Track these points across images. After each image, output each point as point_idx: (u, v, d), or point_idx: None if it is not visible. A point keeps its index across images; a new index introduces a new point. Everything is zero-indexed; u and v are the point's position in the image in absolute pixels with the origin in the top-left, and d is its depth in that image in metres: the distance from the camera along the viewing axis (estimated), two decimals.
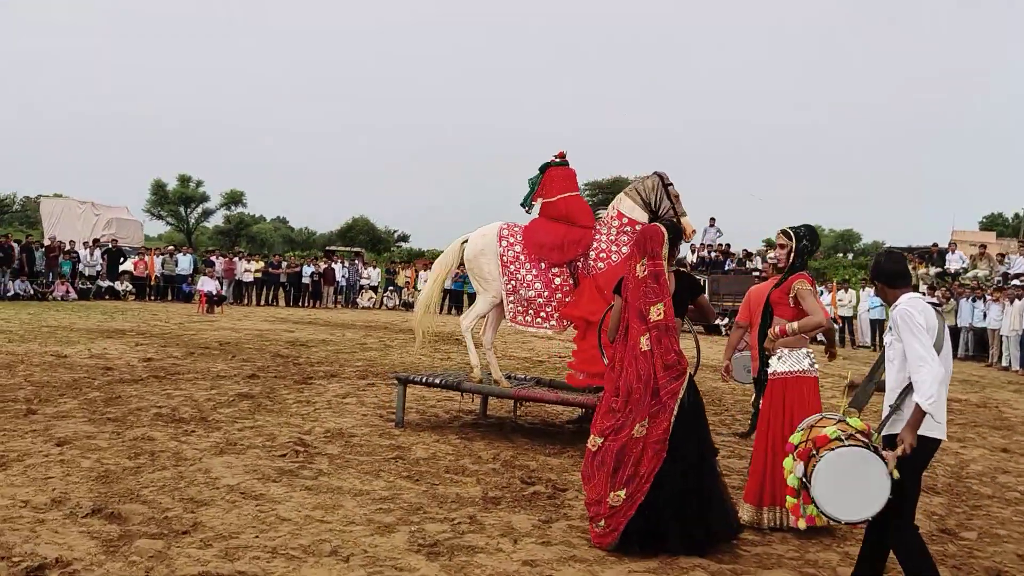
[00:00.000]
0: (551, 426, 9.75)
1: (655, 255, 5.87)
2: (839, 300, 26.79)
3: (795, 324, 6.03)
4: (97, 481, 6.37)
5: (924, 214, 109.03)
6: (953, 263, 27.17)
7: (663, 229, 5.93)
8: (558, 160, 9.22)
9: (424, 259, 39.48)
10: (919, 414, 4.29)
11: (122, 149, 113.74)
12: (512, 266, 8.89)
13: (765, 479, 6.09)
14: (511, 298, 8.89)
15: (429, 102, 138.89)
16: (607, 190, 62.05)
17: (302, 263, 33.13)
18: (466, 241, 9.29)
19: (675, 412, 5.59)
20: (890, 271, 4.74)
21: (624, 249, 8.79)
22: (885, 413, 4.50)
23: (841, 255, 65.49)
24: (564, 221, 8.91)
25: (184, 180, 67.52)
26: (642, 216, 8.83)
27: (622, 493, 5.52)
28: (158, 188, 66.24)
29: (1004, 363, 20.58)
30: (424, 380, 9.13)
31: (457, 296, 33.13)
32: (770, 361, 6.29)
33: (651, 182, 8.91)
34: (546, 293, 8.78)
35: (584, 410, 9.05)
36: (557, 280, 8.80)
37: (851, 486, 4.28)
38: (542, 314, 8.79)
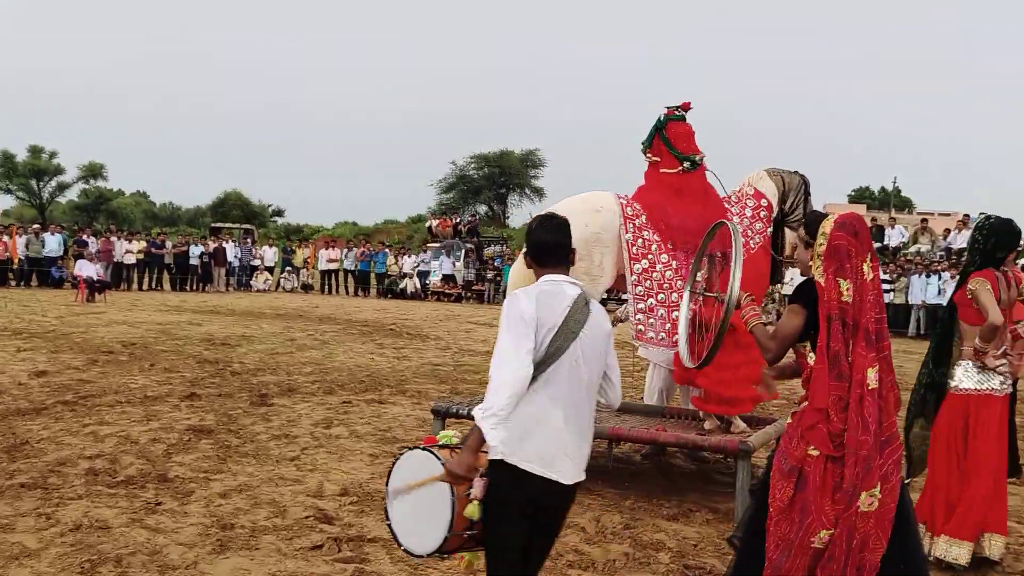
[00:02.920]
0: (629, 464, 7.49)
1: (875, 253, 4.06)
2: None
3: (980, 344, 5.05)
4: None
5: None
6: (893, 238, 26.29)
7: None
8: (679, 114, 6.88)
9: (325, 236, 36.53)
10: (477, 430, 3.13)
11: None
12: (642, 262, 6.54)
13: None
14: (639, 305, 6.53)
15: (291, 72, 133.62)
16: (493, 163, 60.16)
17: (189, 242, 29.61)
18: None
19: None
20: (539, 243, 3.41)
21: (758, 239, 6.63)
22: None
23: None
24: (698, 196, 6.64)
25: (35, 151, 61.78)
26: (774, 207, 6.83)
27: None
28: (5, 159, 60.26)
29: None
30: (470, 412, 6.68)
31: (364, 277, 30.41)
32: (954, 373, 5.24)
33: (798, 180, 6.92)
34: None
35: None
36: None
37: (420, 507, 3.28)
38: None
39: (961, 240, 23.69)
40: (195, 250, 28.78)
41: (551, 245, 3.41)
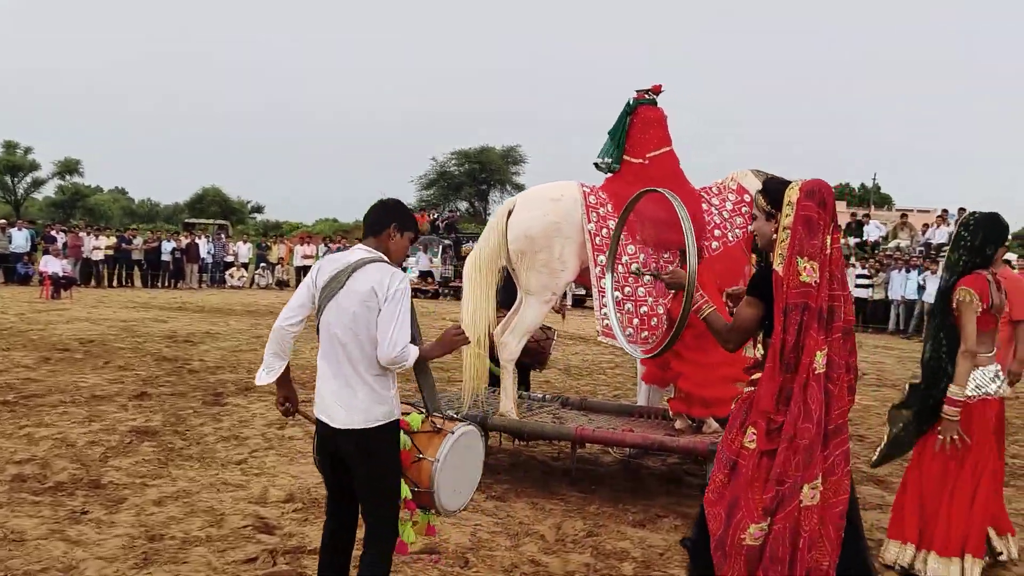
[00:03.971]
0: (597, 466, 7.12)
1: (837, 224, 3.71)
2: None
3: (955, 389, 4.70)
4: None
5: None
6: (872, 233, 26.05)
7: None
8: (649, 97, 6.49)
9: (302, 232, 36.01)
10: None
11: None
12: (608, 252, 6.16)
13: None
14: (604, 299, 6.13)
15: (278, 70, 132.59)
16: (474, 159, 59.69)
17: (160, 238, 29.03)
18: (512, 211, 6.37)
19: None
20: (363, 218, 3.85)
21: (738, 232, 6.27)
22: None
23: None
24: (670, 186, 6.26)
25: (10, 146, 60.92)
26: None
27: None
28: None
29: None
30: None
31: None
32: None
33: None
34: (655, 293, 6.14)
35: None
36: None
37: (462, 471, 3.79)
38: (654, 322, 6.12)
39: (940, 236, 23.49)
40: (167, 246, 28.18)
41: (367, 219, 3.79)
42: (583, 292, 27.93)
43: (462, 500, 3.89)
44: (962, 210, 24.45)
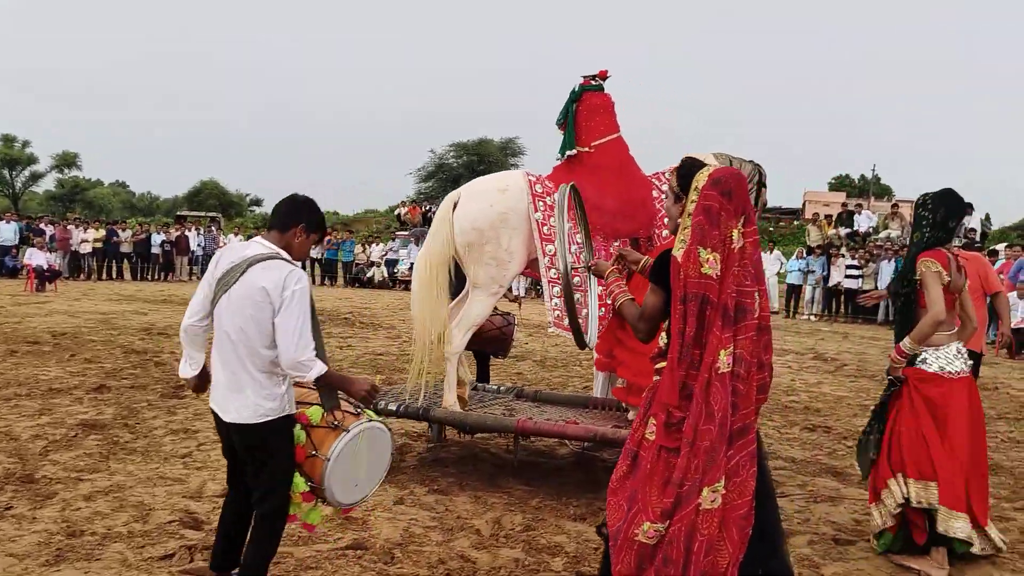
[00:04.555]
0: (547, 457, 7.01)
1: (751, 217, 3.53)
2: None
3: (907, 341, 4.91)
4: None
5: (777, 176, 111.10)
6: (862, 223, 25.86)
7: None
8: (595, 83, 6.35)
9: None
10: None
11: None
12: (556, 242, 6.01)
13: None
14: (555, 290, 5.99)
15: (280, 67, 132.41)
16: (472, 151, 59.43)
17: (150, 230, 28.92)
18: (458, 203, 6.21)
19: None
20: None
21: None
22: None
23: None
24: (617, 174, 6.13)
25: (8, 140, 60.88)
26: None
27: None
28: None
29: None
30: (356, 406, 6.16)
31: (331, 266, 29.79)
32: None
33: (749, 168, 6.38)
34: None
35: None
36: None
37: (361, 467, 3.79)
38: (602, 312, 5.99)
39: None
40: (156, 238, 28.10)
41: (275, 212, 3.77)
42: None
43: (362, 494, 3.86)
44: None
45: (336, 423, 3.68)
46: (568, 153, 6.33)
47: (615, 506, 3.61)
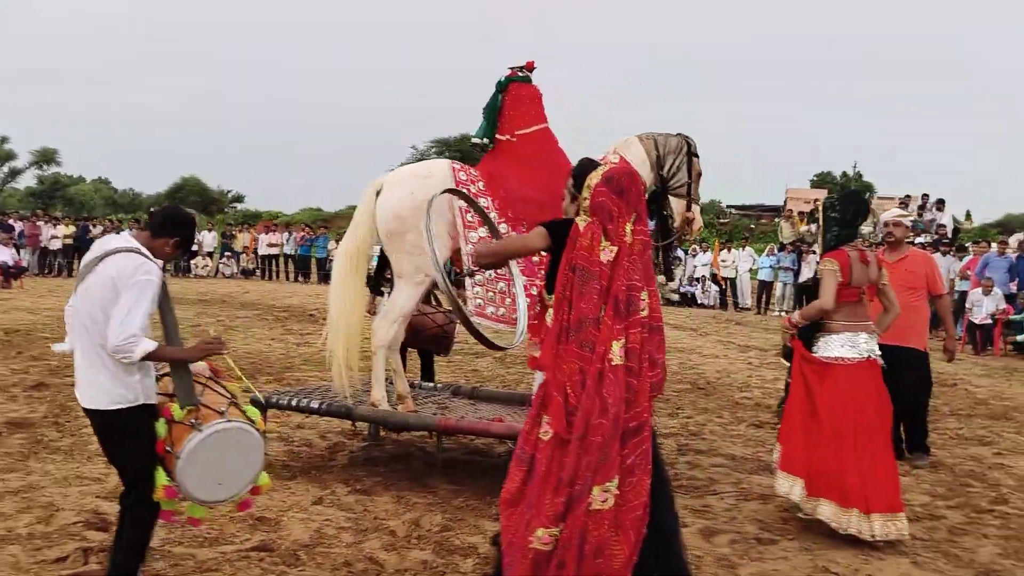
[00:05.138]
0: (484, 455, 6.90)
1: (642, 216, 3.62)
2: (722, 261, 25.14)
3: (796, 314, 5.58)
4: None
5: (759, 173, 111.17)
6: None
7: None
8: (522, 75, 6.28)
9: (265, 221, 35.66)
10: None
11: None
12: (479, 230, 5.90)
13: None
14: (477, 278, 5.89)
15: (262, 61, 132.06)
16: (455, 147, 59.28)
17: (121, 227, 28.66)
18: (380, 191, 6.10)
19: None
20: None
21: None
22: None
23: None
24: (541, 165, 6.03)
25: None
26: (648, 176, 6.27)
27: None
28: None
29: None
30: (295, 403, 6.08)
31: (304, 262, 29.60)
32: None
33: (675, 142, 6.36)
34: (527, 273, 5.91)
35: None
36: (536, 256, 5.98)
37: (222, 467, 3.71)
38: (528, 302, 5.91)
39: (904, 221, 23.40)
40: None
41: (156, 216, 3.91)
42: None
43: (228, 493, 3.80)
44: (925, 196, 24.40)
45: (193, 421, 3.61)
46: (484, 140, 6.26)
47: (517, 516, 3.52)
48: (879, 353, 5.40)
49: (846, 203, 5.53)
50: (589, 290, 3.42)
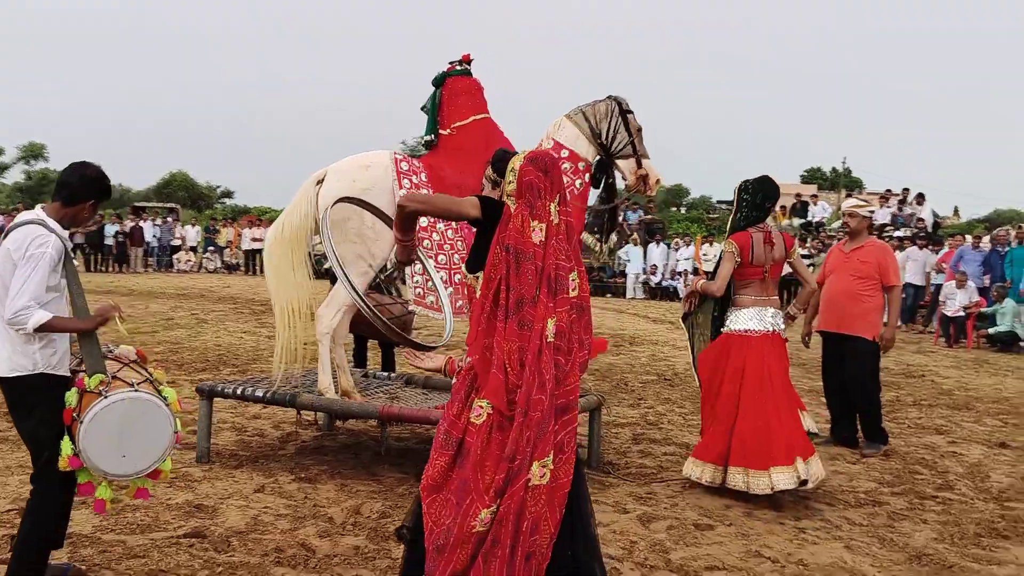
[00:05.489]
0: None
1: (565, 198, 3.64)
2: (703, 255, 25.15)
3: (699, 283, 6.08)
4: None
5: (748, 168, 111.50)
6: (816, 213, 25.95)
7: None
8: (460, 68, 6.31)
9: (250, 215, 35.55)
10: None
11: None
12: (423, 220, 5.94)
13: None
14: (416, 267, 5.89)
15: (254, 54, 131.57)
16: None
17: (103, 221, 28.58)
18: (322, 180, 6.09)
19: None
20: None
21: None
22: None
23: (673, 209, 66.58)
24: (481, 155, 6.03)
25: None
26: (588, 150, 6.33)
27: None
28: None
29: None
30: (239, 391, 6.07)
31: None
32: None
33: (604, 107, 6.35)
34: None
35: None
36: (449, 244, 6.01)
37: (127, 438, 3.69)
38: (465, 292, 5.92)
39: (883, 216, 23.43)
40: (110, 229, 27.80)
41: (60, 180, 3.84)
42: None
43: (133, 467, 3.77)
44: (906, 190, 24.43)
45: (102, 390, 3.62)
46: (429, 137, 6.30)
47: (441, 503, 3.49)
48: (783, 327, 5.90)
49: (757, 187, 5.91)
50: (524, 270, 3.43)
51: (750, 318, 5.80)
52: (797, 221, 25.45)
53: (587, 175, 6.31)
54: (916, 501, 5.80)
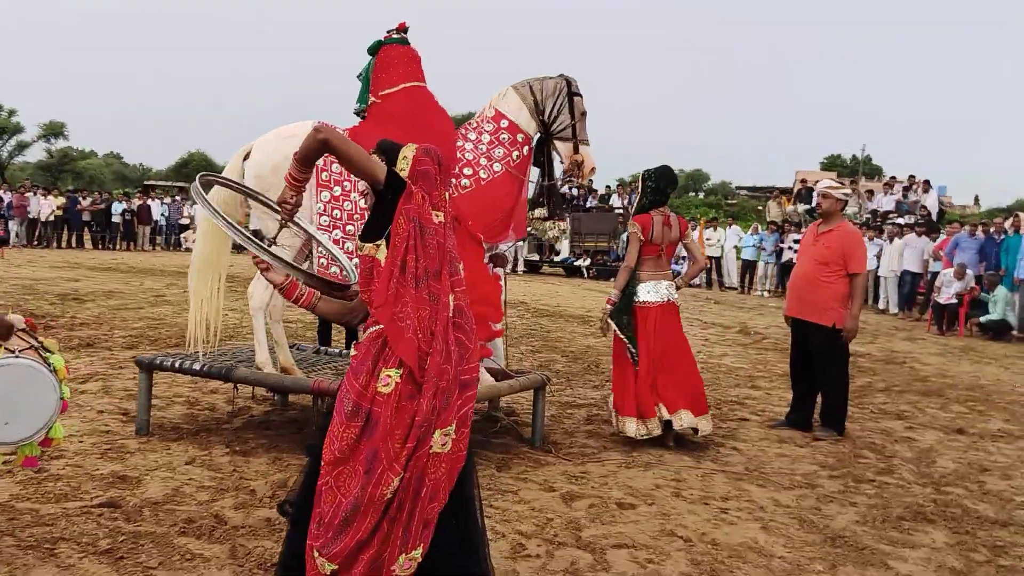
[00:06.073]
0: None
1: (446, 196, 3.72)
2: (707, 239, 25.02)
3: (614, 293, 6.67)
4: None
5: (770, 155, 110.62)
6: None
7: None
8: (396, 36, 6.28)
9: None
10: None
11: None
12: (334, 189, 5.99)
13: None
14: (324, 237, 5.89)
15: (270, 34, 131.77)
16: (457, 125, 58.93)
17: (110, 199, 28.79)
18: (249, 155, 6.17)
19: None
20: None
21: (497, 167, 6.10)
22: None
23: (692, 194, 66.40)
24: (409, 123, 6.00)
25: None
26: (529, 124, 6.31)
27: (418, 553, 3.32)
28: None
29: (881, 306, 19.04)
30: (176, 364, 6.11)
31: None
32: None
33: (553, 84, 6.33)
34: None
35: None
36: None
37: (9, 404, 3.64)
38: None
39: (887, 203, 23.37)
40: (117, 207, 28.00)
41: None
42: (536, 258, 27.81)
43: (15, 435, 3.72)
44: (912, 177, 24.20)
45: None
46: (359, 106, 6.28)
47: (348, 474, 3.49)
48: (676, 297, 6.68)
49: (659, 175, 6.67)
50: (428, 244, 3.44)
51: (648, 291, 6.56)
52: (802, 207, 25.29)
53: (526, 148, 6.28)
54: (852, 484, 5.76)
